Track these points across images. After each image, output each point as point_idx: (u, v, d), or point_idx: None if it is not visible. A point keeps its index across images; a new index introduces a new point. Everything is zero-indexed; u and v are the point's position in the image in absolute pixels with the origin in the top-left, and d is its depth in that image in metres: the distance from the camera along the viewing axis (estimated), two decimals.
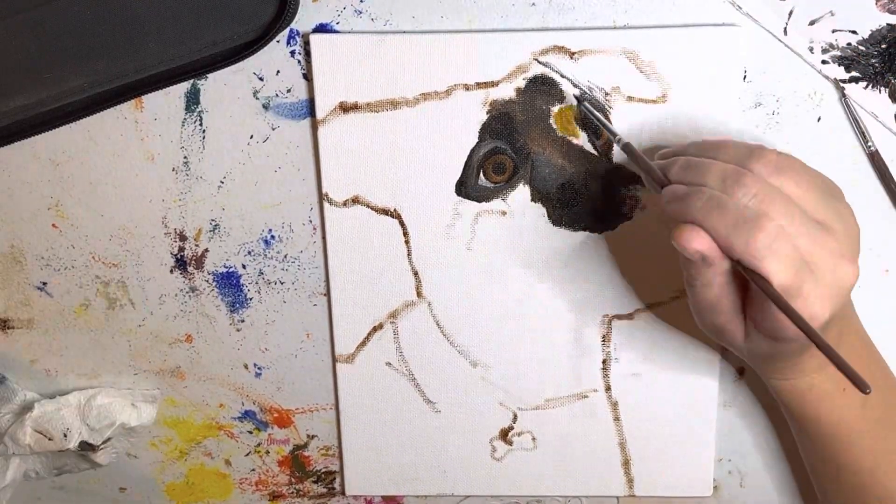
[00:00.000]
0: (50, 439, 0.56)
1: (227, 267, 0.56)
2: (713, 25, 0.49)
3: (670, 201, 0.42)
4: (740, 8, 0.49)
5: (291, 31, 0.50)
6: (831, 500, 0.52)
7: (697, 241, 0.40)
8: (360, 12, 0.50)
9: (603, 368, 0.56)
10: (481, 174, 0.52)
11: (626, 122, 0.50)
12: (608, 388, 0.56)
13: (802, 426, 0.49)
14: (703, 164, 0.42)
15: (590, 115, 0.50)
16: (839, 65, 0.49)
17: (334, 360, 0.57)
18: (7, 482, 0.59)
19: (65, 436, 0.56)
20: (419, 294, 0.55)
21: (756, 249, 0.39)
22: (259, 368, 0.59)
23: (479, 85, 0.50)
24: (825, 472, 0.50)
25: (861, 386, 0.37)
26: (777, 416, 0.57)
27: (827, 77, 0.50)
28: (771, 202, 0.40)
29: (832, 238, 0.40)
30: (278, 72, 0.51)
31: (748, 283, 0.42)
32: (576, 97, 0.50)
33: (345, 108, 0.51)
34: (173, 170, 0.54)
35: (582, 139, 0.51)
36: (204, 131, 0.53)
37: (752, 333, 0.43)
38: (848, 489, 0.49)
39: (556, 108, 0.50)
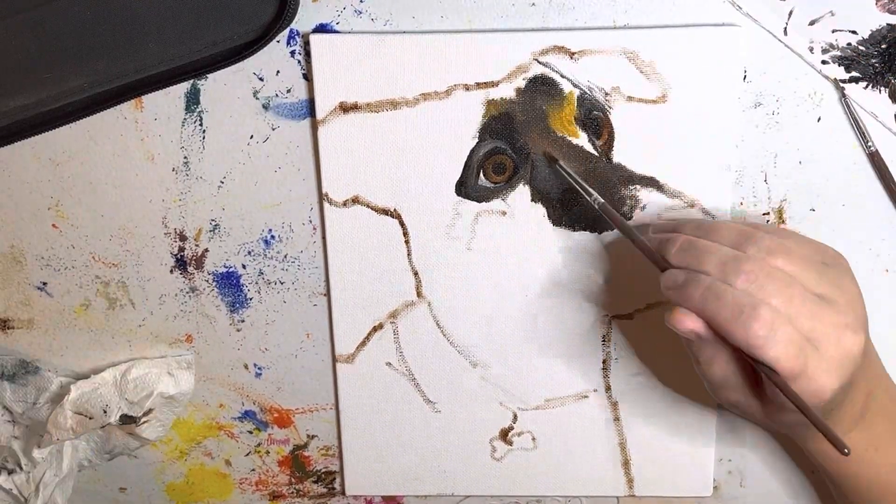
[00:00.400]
0: (91, 418, 0.56)
1: (227, 267, 0.56)
2: (713, 25, 0.49)
3: (669, 288, 0.43)
4: (740, 8, 0.49)
5: (291, 31, 0.50)
6: None
7: (690, 322, 0.42)
8: (360, 12, 0.50)
9: (603, 368, 0.56)
10: (481, 174, 0.52)
11: (626, 122, 0.50)
12: (608, 388, 0.56)
13: (839, 486, 0.49)
14: (701, 248, 0.43)
15: (567, 176, 0.50)
16: (839, 65, 0.49)
17: (334, 360, 0.57)
18: (65, 472, 0.59)
19: (104, 412, 0.56)
20: (419, 294, 0.55)
21: (755, 339, 0.40)
22: (259, 368, 0.59)
23: (479, 85, 0.50)
24: None
25: (839, 447, 0.38)
26: None
27: (827, 77, 0.50)
28: (769, 285, 0.40)
29: (833, 311, 0.41)
30: (278, 72, 0.51)
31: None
32: (547, 159, 0.51)
33: (345, 108, 0.51)
34: (173, 170, 0.54)
35: (582, 139, 0.51)
36: (204, 131, 0.53)
37: (770, 410, 0.43)
38: None
39: (556, 109, 0.50)
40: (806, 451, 0.48)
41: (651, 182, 0.52)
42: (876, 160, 0.50)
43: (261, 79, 0.52)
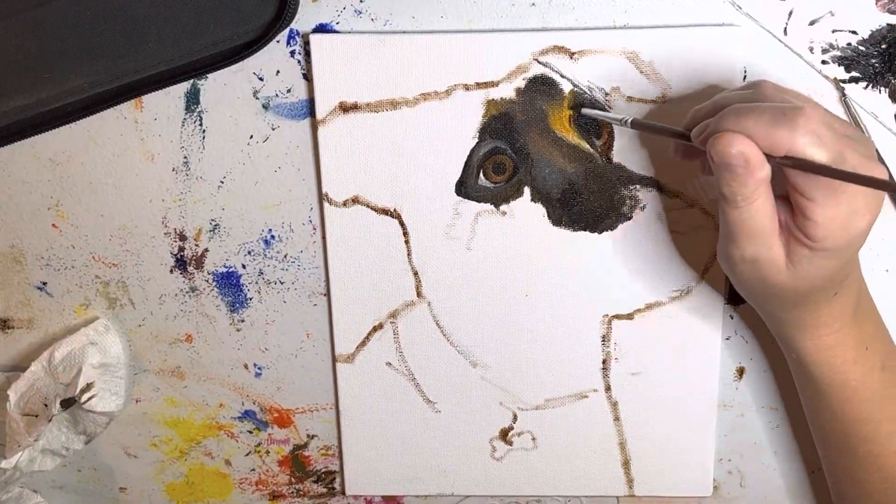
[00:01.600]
0: (37, 416, 0.55)
1: (227, 267, 0.56)
2: (713, 25, 0.49)
3: (700, 133, 0.42)
4: (740, 8, 0.49)
5: (291, 31, 0.50)
6: (840, 478, 0.52)
7: (739, 143, 0.40)
8: (360, 12, 0.50)
9: (603, 368, 0.56)
10: (481, 174, 0.52)
11: None
12: (608, 388, 0.56)
13: (821, 391, 0.48)
14: (718, 99, 0.43)
15: (595, 117, 0.50)
16: (839, 65, 0.49)
17: (334, 359, 0.57)
18: (38, 468, 0.58)
19: (46, 406, 0.55)
20: (419, 294, 0.55)
21: (802, 135, 0.39)
22: (259, 368, 0.59)
23: (479, 85, 0.50)
24: (838, 444, 0.50)
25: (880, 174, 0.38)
26: (777, 417, 0.57)
27: (827, 77, 0.50)
28: (809, 108, 0.40)
29: (862, 146, 0.41)
30: (278, 72, 0.51)
31: (784, 205, 0.42)
32: (572, 108, 0.50)
33: (345, 108, 0.51)
34: (173, 170, 0.54)
35: (582, 139, 0.51)
36: (204, 131, 0.53)
37: (796, 259, 0.42)
38: (859, 462, 0.49)
39: (555, 109, 0.50)
40: (797, 350, 0.47)
41: (651, 182, 0.52)
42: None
43: (261, 79, 0.52)
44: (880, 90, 0.50)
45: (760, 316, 0.49)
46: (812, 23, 0.49)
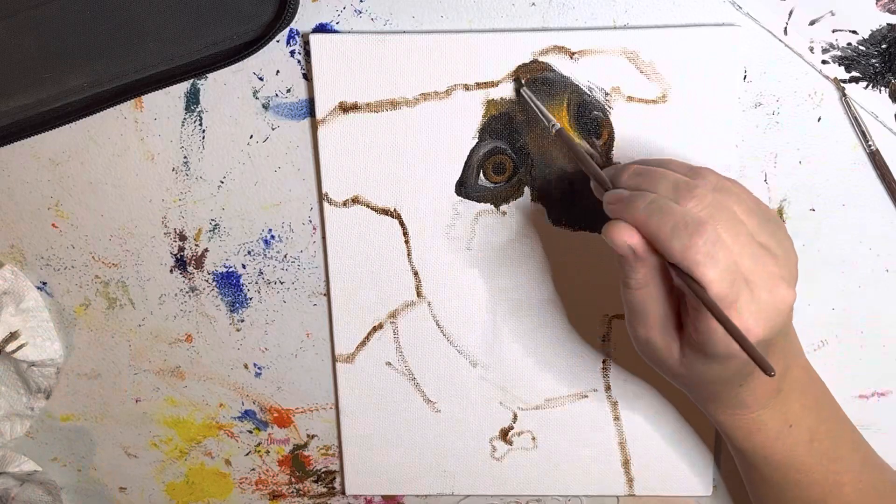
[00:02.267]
0: None
1: (226, 267, 0.56)
2: (713, 25, 0.49)
3: (612, 202, 0.42)
4: (740, 8, 0.49)
5: (291, 30, 0.50)
6: None
7: (627, 234, 0.40)
8: (360, 12, 0.50)
9: (603, 368, 0.56)
10: (481, 174, 0.52)
11: (626, 122, 0.50)
12: (608, 388, 0.56)
13: (750, 463, 0.48)
14: (654, 173, 0.42)
15: (529, 101, 0.50)
16: (839, 65, 0.49)
17: (334, 359, 0.57)
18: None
19: None
20: (419, 294, 0.55)
21: (695, 253, 0.38)
22: (259, 368, 0.59)
23: (478, 85, 0.50)
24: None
25: (766, 369, 0.37)
26: None
27: (827, 77, 0.50)
28: (717, 214, 0.40)
29: (773, 261, 0.40)
30: (278, 72, 0.51)
31: (683, 297, 0.42)
32: (514, 81, 0.50)
33: (345, 108, 0.51)
34: (173, 170, 0.54)
35: (582, 139, 0.51)
36: (204, 131, 0.53)
37: (688, 354, 0.42)
38: None
39: (555, 109, 0.50)
40: (717, 423, 0.47)
41: None
42: (877, 159, 0.50)
43: (261, 79, 0.52)
44: (880, 90, 0.50)
45: None
46: (812, 23, 0.49)
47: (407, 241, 0.54)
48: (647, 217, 0.40)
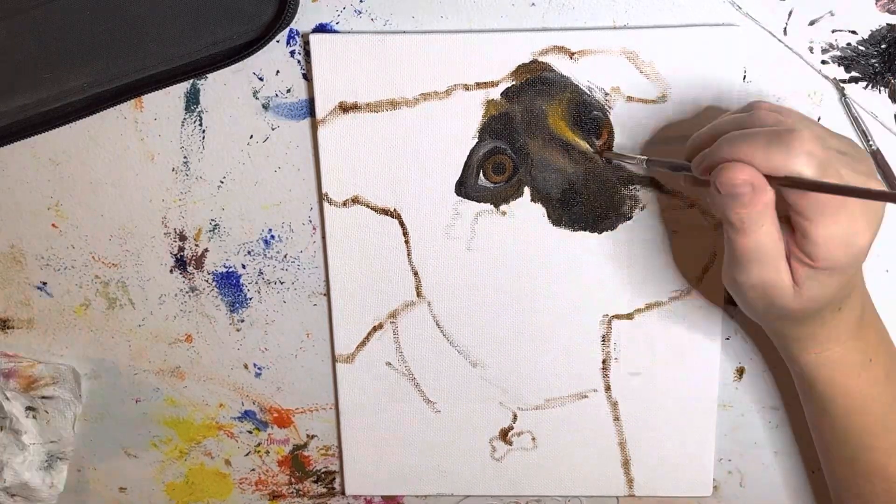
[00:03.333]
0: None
1: (226, 267, 0.56)
2: (712, 25, 0.49)
3: (699, 163, 0.42)
4: (740, 8, 0.49)
5: (291, 30, 0.50)
6: (843, 488, 0.52)
7: (743, 172, 0.40)
8: (360, 12, 0.50)
9: (603, 368, 0.56)
10: (481, 174, 0.52)
11: (626, 122, 0.50)
12: (608, 388, 0.56)
13: (826, 404, 0.48)
14: (712, 127, 0.43)
15: (619, 160, 0.51)
16: (839, 65, 0.49)
17: (334, 359, 0.57)
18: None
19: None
20: (419, 294, 0.55)
21: (797, 155, 0.39)
22: (259, 368, 0.59)
23: (478, 85, 0.50)
24: (841, 455, 0.50)
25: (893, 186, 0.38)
26: (777, 416, 0.57)
27: (827, 77, 0.50)
28: (797, 124, 0.40)
29: (859, 162, 0.41)
30: (278, 72, 0.51)
31: (785, 228, 0.42)
32: (604, 157, 0.51)
33: (344, 108, 0.51)
34: (173, 170, 0.54)
35: (582, 139, 0.51)
36: (204, 131, 0.53)
37: (803, 280, 0.42)
38: (862, 472, 0.49)
39: (555, 109, 0.50)
40: (802, 366, 0.47)
41: (651, 182, 0.52)
42: (878, 159, 0.50)
43: (260, 79, 0.52)
44: (880, 90, 0.50)
45: (765, 331, 0.49)
46: (812, 23, 0.49)
47: (407, 241, 0.54)
48: (735, 153, 0.40)
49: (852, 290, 0.45)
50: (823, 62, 0.49)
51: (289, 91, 0.52)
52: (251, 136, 0.53)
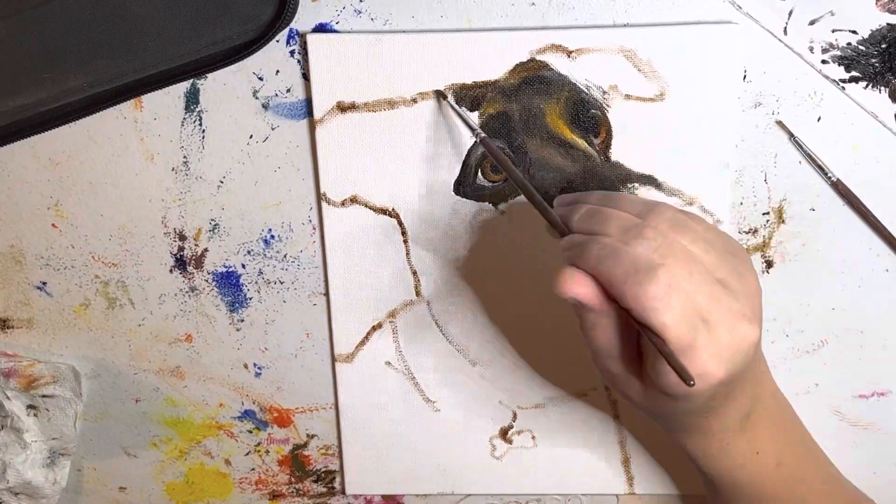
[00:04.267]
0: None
1: (226, 267, 0.56)
2: (711, 23, 0.49)
3: (566, 249, 0.41)
4: (740, 8, 0.49)
5: (291, 30, 0.50)
6: None
7: (574, 287, 0.39)
8: (360, 12, 0.50)
9: None
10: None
11: (624, 120, 0.50)
12: (607, 387, 0.56)
13: (716, 486, 0.47)
14: (605, 214, 0.41)
15: (452, 110, 0.50)
16: (839, 64, 0.49)
17: (334, 359, 0.57)
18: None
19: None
20: (418, 293, 0.55)
21: (647, 300, 0.37)
22: (259, 368, 0.59)
23: (476, 84, 0.50)
24: None
25: (686, 378, 0.36)
26: None
27: (827, 77, 0.50)
28: (670, 255, 0.38)
29: (731, 297, 0.39)
30: (278, 71, 0.51)
31: (642, 337, 0.41)
32: (436, 93, 0.50)
33: (342, 107, 0.51)
34: (173, 170, 0.54)
35: (580, 137, 0.51)
36: (203, 131, 0.53)
37: (651, 390, 0.41)
38: None
39: (553, 107, 0.50)
40: (685, 450, 0.46)
41: (649, 180, 0.52)
42: (839, 189, 0.51)
43: (260, 78, 0.52)
44: (880, 90, 0.50)
45: None
46: (812, 22, 0.49)
47: (405, 241, 0.54)
48: (598, 264, 0.39)
49: (727, 398, 0.42)
50: (823, 62, 0.49)
51: (289, 91, 0.52)
52: (251, 136, 0.53)
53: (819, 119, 0.50)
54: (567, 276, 0.40)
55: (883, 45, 0.49)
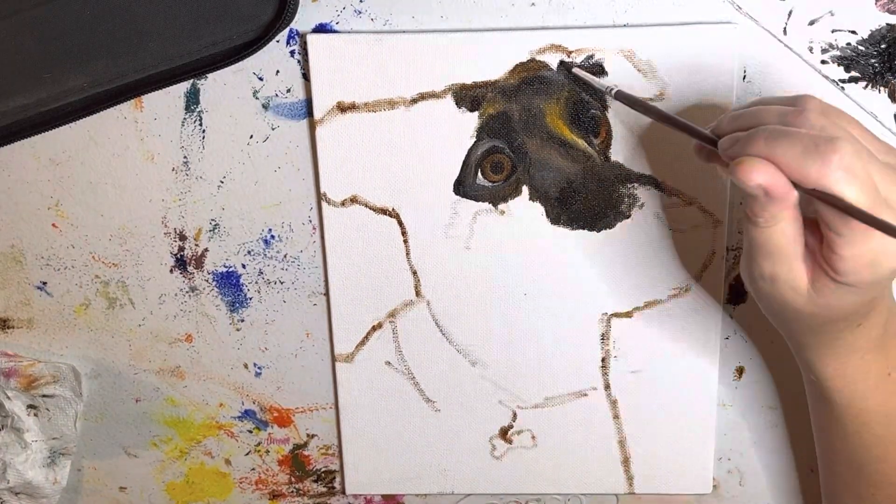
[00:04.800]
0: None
1: (226, 267, 0.56)
2: (710, 23, 0.49)
3: (730, 146, 0.39)
4: (739, 8, 0.49)
5: (291, 30, 0.51)
6: (843, 488, 0.50)
7: (759, 174, 0.37)
8: (360, 12, 0.50)
9: (602, 367, 0.56)
10: (479, 173, 0.52)
11: (624, 120, 0.50)
12: (607, 387, 0.56)
13: (838, 414, 0.47)
14: (754, 110, 0.40)
15: (580, 76, 0.49)
16: (839, 65, 0.49)
17: (334, 359, 0.57)
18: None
19: None
20: (418, 293, 0.55)
21: (833, 171, 0.36)
22: (259, 368, 0.59)
23: (476, 84, 0.50)
24: (848, 462, 0.49)
25: (892, 232, 0.35)
26: (776, 416, 0.57)
27: (827, 77, 0.50)
28: (839, 131, 0.37)
29: None
30: (278, 72, 0.51)
31: (815, 229, 0.39)
32: (561, 63, 0.49)
33: (342, 107, 0.51)
34: (173, 170, 0.54)
35: (580, 137, 0.51)
36: (204, 131, 0.53)
37: (821, 287, 0.40)
38: (868, 480, 0.48)
39: (553, 107, 0.50)
40: (817, 373, 0.45)
41: (649, 180, 0.52)
42: None
43: (260, 79, 0.52)
44: (880, 90, 0.50)
45: (781, 333, 0.46)
46: (812, 22, 0.49)
47: (405, 241, 0.54)
48: (770, 148, 0.37)
49: (875, 305, 0.42)
50: (823, 62, 0.49)
51: (289, 91, 0.52)
52: (251, 136, 0.53)
53: None
54: (749, 165, 0.37)
55: (882, 46, 0.49)
